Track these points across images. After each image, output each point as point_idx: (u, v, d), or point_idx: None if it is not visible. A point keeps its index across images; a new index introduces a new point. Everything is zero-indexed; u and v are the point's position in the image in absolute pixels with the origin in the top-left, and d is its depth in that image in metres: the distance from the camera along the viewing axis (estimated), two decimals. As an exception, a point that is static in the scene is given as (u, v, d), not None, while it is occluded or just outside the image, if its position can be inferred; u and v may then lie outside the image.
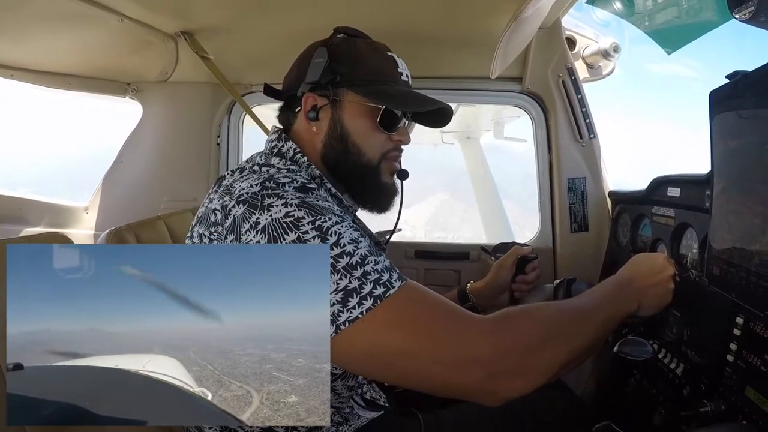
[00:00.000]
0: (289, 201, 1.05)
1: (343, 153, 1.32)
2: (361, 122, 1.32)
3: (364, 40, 1.39)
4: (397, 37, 1.85)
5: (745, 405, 1.14)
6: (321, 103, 1.31)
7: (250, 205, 1.05)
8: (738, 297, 1.22)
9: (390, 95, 1.32)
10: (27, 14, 1.75)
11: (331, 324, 0.96)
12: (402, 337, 1.00)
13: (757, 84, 1.16)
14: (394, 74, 1.35)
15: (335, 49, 1.32)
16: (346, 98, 1.31)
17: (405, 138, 1.39)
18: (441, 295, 1.11)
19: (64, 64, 2.36)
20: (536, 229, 2.56)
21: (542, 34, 2.31)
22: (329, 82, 1.29)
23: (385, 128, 1.33)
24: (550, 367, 1.07)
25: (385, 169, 1.37)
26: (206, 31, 2.20)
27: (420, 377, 1.04)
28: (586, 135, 2.39)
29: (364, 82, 1.31)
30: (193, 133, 2.73)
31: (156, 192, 2.70)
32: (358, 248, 1.03)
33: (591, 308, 1.20)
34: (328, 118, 1.32)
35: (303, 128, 1.35)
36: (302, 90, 1.32)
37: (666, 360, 1.48)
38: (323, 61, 1.29)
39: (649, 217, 1.86)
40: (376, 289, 0.99)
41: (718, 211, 1.31)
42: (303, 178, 1.17)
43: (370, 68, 1.32)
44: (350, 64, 1.31)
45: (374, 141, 1.34)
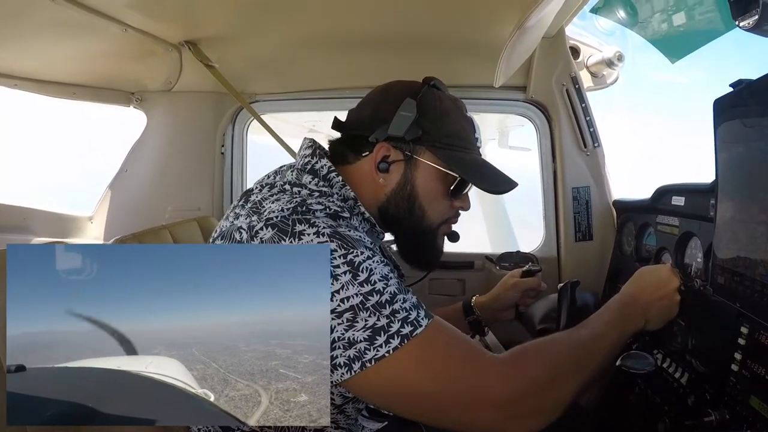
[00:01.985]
0: (321, 230, 1.03)
1: (407, 213, 1.29)
2: (433, 186, 1.29)
3: (447, 95, 1.36)
4: (401, 45, 1.85)
5: (750, 414, 1.13)
6: (395, 156, 1.26)
7: (279, 230, 1.03)
8: (743, 306, 1.21)
9: (469, 166, 1.30)
10: (31, 24, 1.76)
11: (356, 361, 0.97)
12: (424, 378, 1.01)
13: (762, 92, 1.16)
14: (472, 140, 1.34)
15: (423, 103, 1.27)
16: (423, 158, 1.27)
17: (466, 204, 1.38)
18: (462, 333, 1.11)
19: (68, 73, 2.36)
20: (541, 238, 2.55)
21: (546, 43, 2.31)
22: (412, 139, 1.25)
23: (453, 195, 1.31)
24: (563, 403, 1.09)
25: (441, 234, 1.37)
26: (210, 41, 2.21)
27: (438, 416, 1.06)
28: (590, 144, 2.39)
29: (446, 145, 1.27)
30: (197, 143, 2.73)
31: (160, 201, 2.70)
32: (388, 286, 1.02)
33: (599, 335, 1.20)
34: (399, 174, 1.28)
35: (366, 174, 1.28)
36: (378, 136, 1.26)
37: (670, 369, 1.47)
38: (412, 116, 1.24)
39: (654, 226, 1.85)
40: (404, 328, 1.00)
41: (723, 220, 1.30)
42: (336, 206, 1.13)
43: (452, 130, 1.29)
44: (435, 122, 1.27)
45: (440, 206, 1.32)
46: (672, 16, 1.82)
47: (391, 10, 1.92)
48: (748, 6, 1.05)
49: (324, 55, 1.48)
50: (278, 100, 2.74)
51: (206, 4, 1.90)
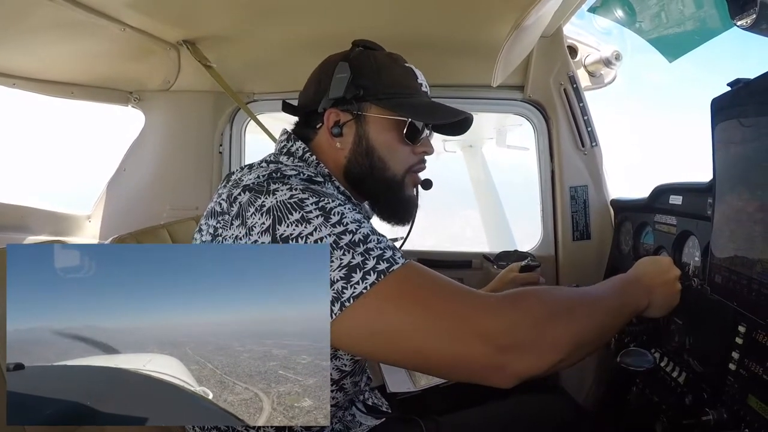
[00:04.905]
0: (294, 186, 1.05)
1: (369, 168, 1.31)
2: (386, 136, 1.31)
3: (381, 51, 1.39)
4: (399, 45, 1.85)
5: (748, 413, 1.14)
6: (344, 118, 1.30)
7: (255, 191, 1.05)
8: (740, 305, 1.22)
9: (415, 107, 1.32)
10: (30, 23, 1.76)
11: (335, 303, 0.95)
12: (406, 311, 0.97)
13: (759, 92, 1.16)
14: (415, 85, 1.35)
15: (356, 62, 1.31)
16: (370, 112, 1.30)
17: (429, 149, 1.39)
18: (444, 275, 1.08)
19: (66, 72, 2.36)
20: (538, 237, 2.55)
21: (544, 43, 2.31)
22: (353, 97, 1.28)
23: (410, 140, 1.32)
24: (560, 344, 1.01)
25: (409, 183, 1.38)
26: (208, 40, 2.21)
27: (424, 355, 0.99)
28: (588, 143, 2.39)
29: (388, 95, 1.30)
30: (195, 142, 2.74)
31: (158, 200, 2.71)
32: (361, 227, 1.03)
33: (600, 295, 1.18)
34: (352, 134, 1.31)
35: (325, 144, 1.33)
36: (324, 105, 1.31)
37: (668, 368, 1.48)
38: (346, 76, 1.28)
39: (652, 225, 1.86)
40: (380, 264, 0.98)
41: (720, 219, 1.31)
42: (310, 173, 1.17)
43: (392, 81, 1.32)
44: (372, 77, 1.30)
45: (400, 154, 1.34)
46: (669, 15, 1.82)
47: (388, 11, 1.92)
48: (746, 5, 1.05)
49: (321, 56, 1.47)
50: (276, 100, 2.72)
51: (204, 4, 1.90)
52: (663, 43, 1.90)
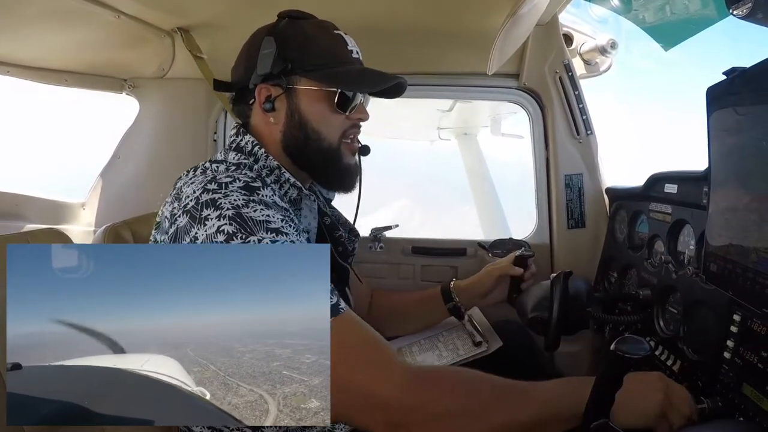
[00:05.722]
0: (223, 213, 1.07)
1: (304, 140, 1.34)
2: (318, 107, 1.33)
3: (309, 21, 1.39)
4: (393, 34, 1.84)
5: (743, 402, 1.15)
6: (275, 93, 1.32)
7: (191, 217, 1.09)
8: (735, 294, 1.22)
9: (344, 77, 1.33)
10: (24, 11, 1.74)
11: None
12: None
13: (755, 80, 1.16)
14: (345, 53, 1.36)
15: (282, 35, 1.32)
16: (300, 85, 1.32)
17: (363, 115, 1.41)
18: (376, 332, 1.12)
19: (60, 60, 2.34)
20: (533, 225, 2.55)
21: (539, 31, 2.30)
22: (281, 72, 1.29)
23: (342, 109, 1.34)
24: None
25: (345, 150, 1.39)
26: (202, 28, 2.20)
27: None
28: (583, 131, 2.38)
29: (317, 66, 1.31)
30: (189, 130, 2.71)
31: (152, 188, 2.68)
32: None
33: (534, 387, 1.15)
34: (284, 108, 1.33)
35: (260, 120, 1.36)
36: (254, 82, 1.32)
37: (663, 357, 1.48)
38: (272, 51, 1.29)
39: (646, 214, 1.86)
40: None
41: (715, 208, 1.31)
42: (247, 177, 1.18)
43: (320, 51, 1.33)
44: (300, 49, 1.31)
45: (333, 124, 1.35)
46: (665, 4, 1.82)
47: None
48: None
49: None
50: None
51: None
52: (658, 31, 1.90)
